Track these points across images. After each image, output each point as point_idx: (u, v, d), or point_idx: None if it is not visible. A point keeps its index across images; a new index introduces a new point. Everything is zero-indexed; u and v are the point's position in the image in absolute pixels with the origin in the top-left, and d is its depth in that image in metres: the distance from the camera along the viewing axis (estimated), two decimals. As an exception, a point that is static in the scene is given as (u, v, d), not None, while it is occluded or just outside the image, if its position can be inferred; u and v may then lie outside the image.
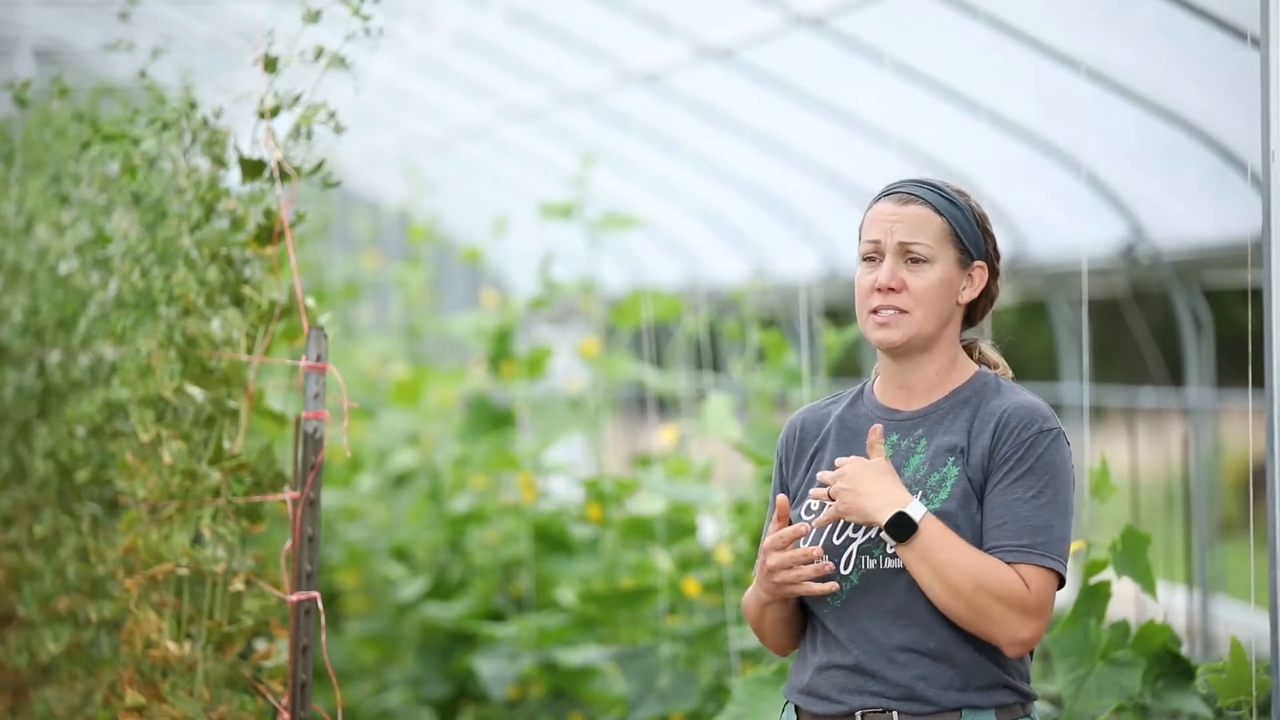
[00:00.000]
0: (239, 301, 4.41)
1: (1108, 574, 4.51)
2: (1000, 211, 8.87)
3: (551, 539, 8.00)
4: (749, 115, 9.54)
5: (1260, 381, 3.81)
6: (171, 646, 4.34)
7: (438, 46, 10.55)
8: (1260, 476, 3.95)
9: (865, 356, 10.54)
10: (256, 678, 4.38)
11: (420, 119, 12.83)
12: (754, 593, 3.60)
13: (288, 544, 4.21)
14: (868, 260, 3.60)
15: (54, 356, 5.33)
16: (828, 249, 10.58)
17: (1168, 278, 8.55)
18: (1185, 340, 8.71)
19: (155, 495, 4.40)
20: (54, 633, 5.20)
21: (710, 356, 9.14)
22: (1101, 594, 4.49)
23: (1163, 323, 9.12)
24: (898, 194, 3.59)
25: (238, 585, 4.36)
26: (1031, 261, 9.05)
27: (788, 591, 3.52)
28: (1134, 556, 4.49)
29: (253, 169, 4.37)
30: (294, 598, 4.19)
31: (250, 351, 4.38)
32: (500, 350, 8.83)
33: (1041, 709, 4.58)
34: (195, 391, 4.38)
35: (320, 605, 4.21)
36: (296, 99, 4.30)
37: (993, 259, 3.62)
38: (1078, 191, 8.13)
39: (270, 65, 4.31)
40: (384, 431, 9.56)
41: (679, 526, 7.09)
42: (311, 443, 4.19)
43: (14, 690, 5.54)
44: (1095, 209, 8.14)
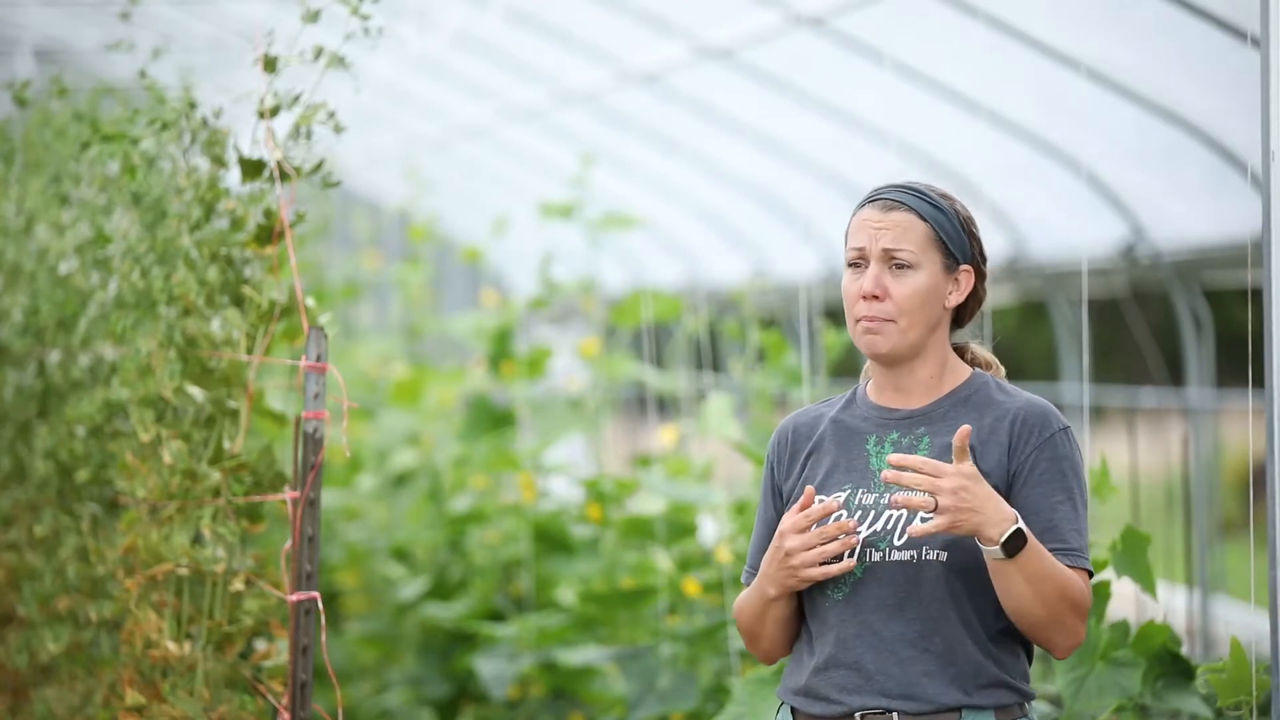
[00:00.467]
0: (239, 301, 4.41)
1: (1108, 574, 4.51)
2: (1000, 211, 8.86)
3: (551, 539, 7.99)
4: (749, 115, 9.54)
5: (1260, 381, 3.81)
6: (171, 646, 4.34)
7: (438, 46, 10.54)
8: (1260, 476, 3.95)
9: (864, 357, 10.53)
10: (256, 678, 4.38)
11: (420, 119, 12.82)
12: (755, 593, 3.56)
13: (288, 544, 4.21)
14: (853, 267, 3.58)
15: (54, 356, 5.33)
16: (828, 249, 10.58)
17: (1168, 278, 8.55)
18: (1185, 340, 8.71)
19: (155, 495, 4.40)
20: (54, 633, 5.19)
21: (710, 356, 9.14)
22: (1101, 594, 4.50)
23: (1163, 323, 9.12)
24: (881, 200, 3.57)
25: (238, 585, 4.36)
26: (1031, 261, 9.05)
27: (804, 575, 3.45)
28: (1134, 556, 4.49)
29: (252, 169, 4.37)
30: (294, 598, 4.19)
31: (250, 351, 4.38)
32: (500, 350, 8.83)
33: (1041, 709, 4.57)
34: (195, 391, 4.38)
35: (320, 605, 4.21)
36: (296, 99, 4.30)
37: (979, 262, 3.60)
38: (1078, 191, 8.13)
39: (270, 65, 4.31)
40: (384, 431, 9.56)
41: (679, 526, 7.09)
42: (311, 443, 4.19)
43: (14, 690, 5.54)
44: (1095, 209, 8.13)
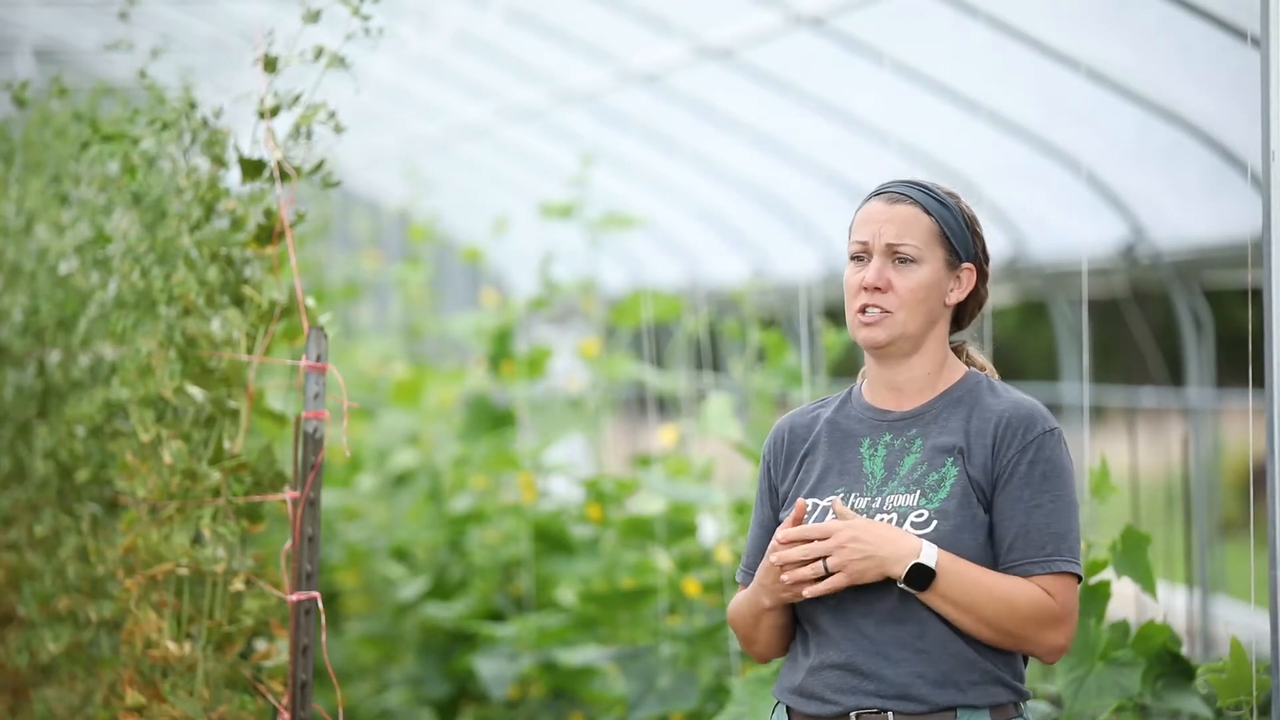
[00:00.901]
0: (239, 301, 4.41)
1: (1108, 574, 4.51)
2: (1000, 211, 8.87)
3: (551, 539, 7.99)
4: (749, 115, 9.54)
5: (1260, 381, 3.81)
6: (171, 646, 4.34)
7: (438, 46, 10.54)
8: (1260, 476, 3.95)
9: (864, 356, 10.54)
10: (256, 678, 4.38)
11: (420, 119, 12.82)
12: (750, 599, 3.56)
13: (288, 544, 4.21)
14: (856, 260, 3.60)
15: (54, 356, 5.33)
16: (828, 249, 10.58)
17: (1168, 278, 8.55)
18: (1185, 340, 8.71)
19: (155, 495, 4.40)
20: (54, 633, 5.19)
21: (710, 356, 9.14)
22: (1101, 594, 4.50)
23: (1163, 323, 9.12)
24: (887, 194, 3.58)
25: (238, 585, 4.36)
26: (1031, 261, 9.05)
27: (797, 591, 3.44)
28: (1134, 556, 4.49)
29: (253, 169, 4.37)
30: (294, 598, 4.19)
31: (250, 351, 4.38)
32: (500, 350, 8.83)
33: (1041, 709, 4.57)
34: (195, 391, 4.38)
35: (320, 605, 4.21)
36: (296, 99, 4.30)
37: (981, 261, 3.60)
38: (1078, 191, 8.13)
39: (270, 65, 4.31)
40: (384, 431, 9.55)
41: (679, 526, 7.08)
42: (311, 443, 4.19)
43: (14, 690, 5.54)
44: (1095, 209, 8.13)
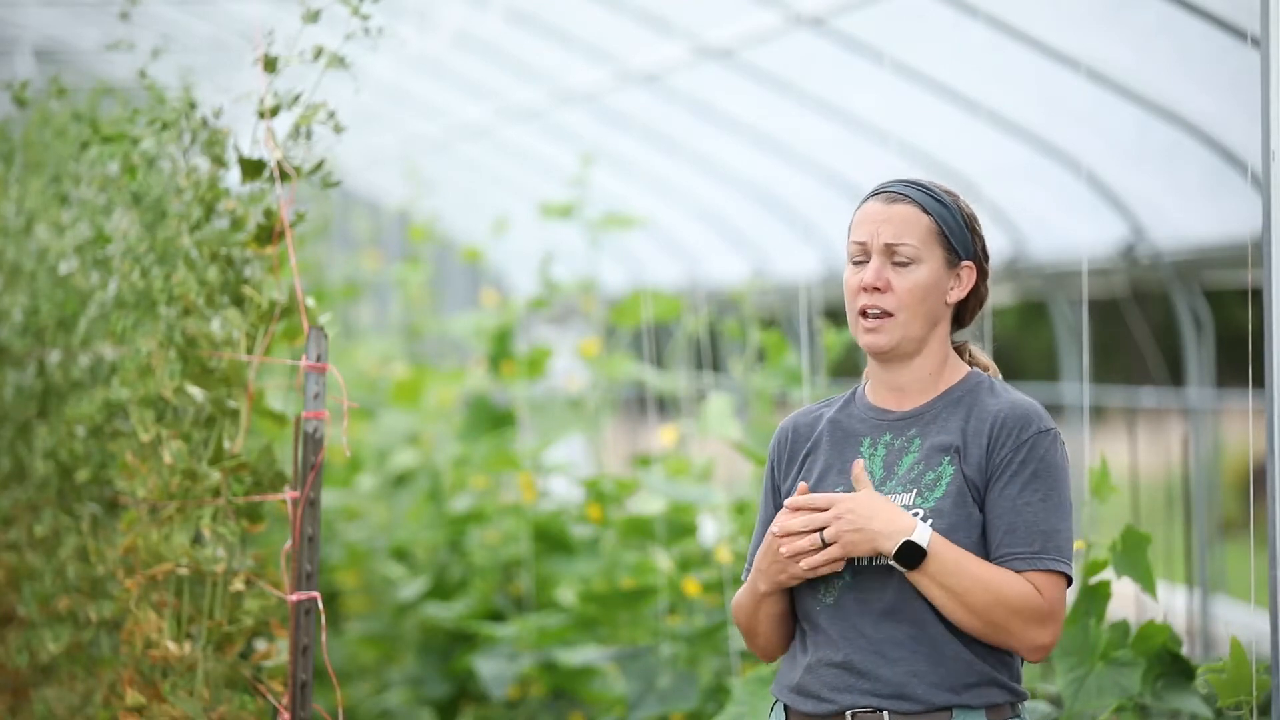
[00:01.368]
0: (239, 301, 4.41)
1: (1108, 574, 4.51)
2: (1000, 211, 8.86)
3: (551, 539, 7.99)
4: (749, 115, 9.54)
5: (1260, 381, 3.81)
6: (171, 646, 4.34)
7: (438, 46, 10.54)
8: (1260, 476, 3.95)
9: (865, 357, 10.54)
10: (256, 678, 4.38)
11: (420, 119, 12.82)
12: (748, 587, 3.57)
13: (288, 544, 4.21)
14: (855, 261, 3.60)
15: (54, 356, 5.33)
16: (828, 249, 10.58)
17: (1168, 278, 8.55)
18: (1185, 340, 8.71)
19: (155, 495, 4.40)
20: (54, 633, 5.19)
21: (710, 356, 9.13)
22: (1101, 594, 4.50)
23: (1163, 323, 9.12)
24: (886, 194, 3.57)
25: (238, 585, 4.36)
26: (1031, 261, 9.05)
27: (793, 572, 3.44)
28: (1134, 556, 4.49)
29: (253, 169, 4.37)
30: (294, 598, 4.19)
31: (250, 351, 4.38)
32: (500, 350, 8.83)
33: (1041, 709, 4.57)
34: (195, 391, 4.38)
35: (320, 605, 4.21)
36: (296, 99, 4.30)
37: (981, 260, 3.60)
38: (1078, 191, 8.13)
39: (270, 65, 4.31)
40: (384, 431, 9.55)
41: (679, 526, 7.08)
42: (311, 443, 4.19)
43: (14, 690, 5.54)
44: (1095, 209, 8.13)
